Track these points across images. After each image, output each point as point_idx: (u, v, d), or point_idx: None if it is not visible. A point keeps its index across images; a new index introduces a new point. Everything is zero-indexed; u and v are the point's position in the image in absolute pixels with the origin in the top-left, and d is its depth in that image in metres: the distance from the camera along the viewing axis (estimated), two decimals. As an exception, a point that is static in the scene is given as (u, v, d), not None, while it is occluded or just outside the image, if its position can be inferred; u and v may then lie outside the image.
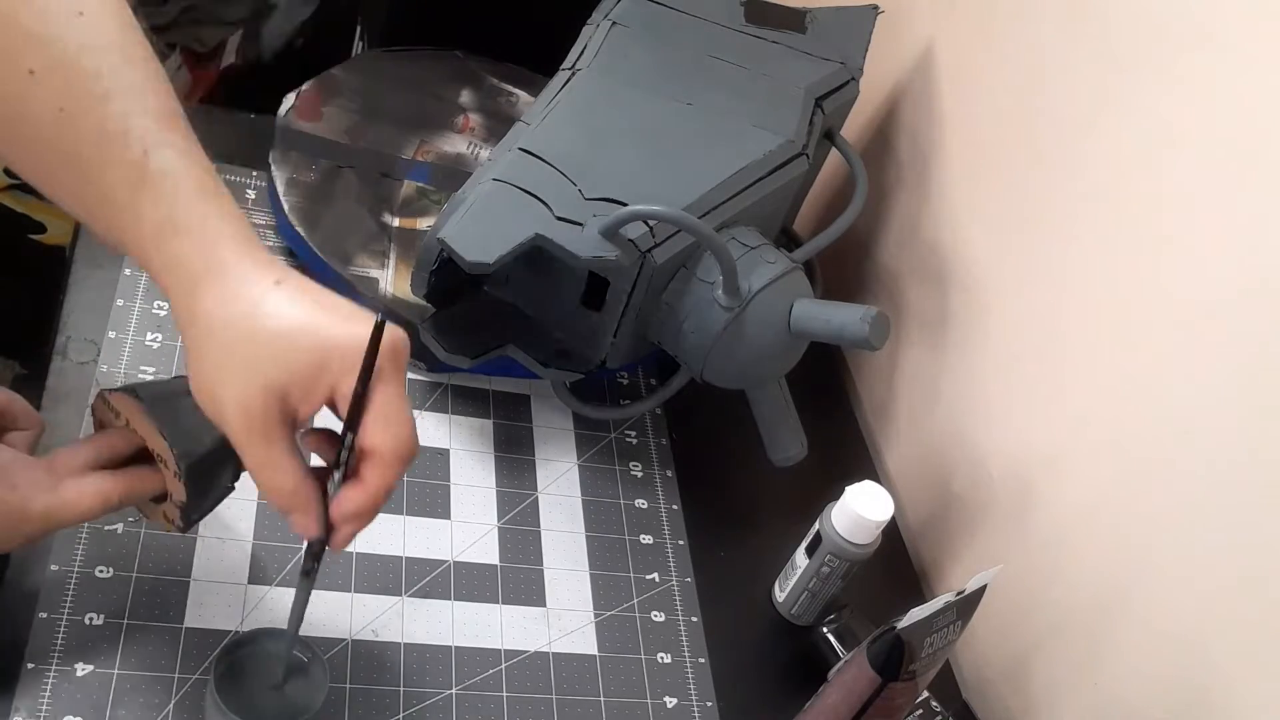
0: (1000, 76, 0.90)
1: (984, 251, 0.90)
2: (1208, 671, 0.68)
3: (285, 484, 0.53)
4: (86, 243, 0.83)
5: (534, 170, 0.79)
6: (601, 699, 0.73)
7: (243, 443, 0.52)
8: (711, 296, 0.78)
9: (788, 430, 0.84)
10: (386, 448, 0.53)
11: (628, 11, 0.92)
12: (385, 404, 0.53)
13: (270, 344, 0.51)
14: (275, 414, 0.51)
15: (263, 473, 0.53)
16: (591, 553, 0.81)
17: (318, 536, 0.55)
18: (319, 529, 0.55)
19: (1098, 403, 0.78)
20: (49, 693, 0.62)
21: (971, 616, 0.66)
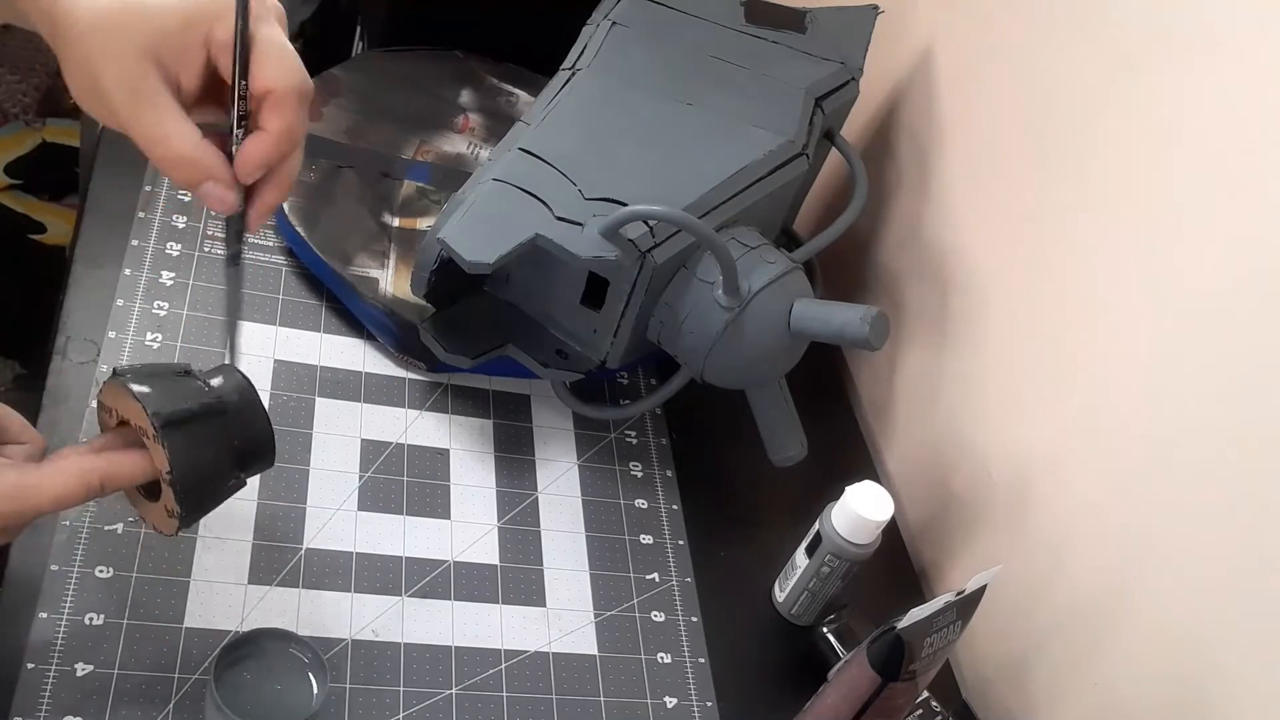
0: (1000, 76, 0.90)
1: (984, 251, 0.90)
2: (1208, 671, 0.68)
3: (183, 148, 0.52)
4: (86, 243, 0.83)
5: (534, 170, 0.79)
6: (601, 699, 0.73)
7: (129, 118, 0.51)
8: (711, 296, 0.78)
9: (788, 430, 0.84)
10: (281, 84, 0.52)
11: (628, 11, 0.92)
12: (268, 42, 0.52)
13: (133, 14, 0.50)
14: (154, 78, 0.50)
15: (158, 145, 0.52)
16: (591, 553, 0.81)
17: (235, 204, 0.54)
18: (235, 193, 0.54)
19: (1098, 402, 0.78)
20: (49, 693, 0.62)
21: (971, 616, 0.66)
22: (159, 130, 0.51)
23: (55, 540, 0.67)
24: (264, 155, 0.53)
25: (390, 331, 0.85)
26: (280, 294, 0.87)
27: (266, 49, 0.52)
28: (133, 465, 0.58)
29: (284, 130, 0.53)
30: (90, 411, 0.74)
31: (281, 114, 0.52)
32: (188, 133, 0.52)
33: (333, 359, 0.84)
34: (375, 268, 0.86)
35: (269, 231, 0.90)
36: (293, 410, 0.80)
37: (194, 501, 0.60)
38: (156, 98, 0.51)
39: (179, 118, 0.51)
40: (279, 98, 0.52)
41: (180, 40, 0.51)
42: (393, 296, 0.85)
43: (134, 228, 0.85)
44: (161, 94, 0.51)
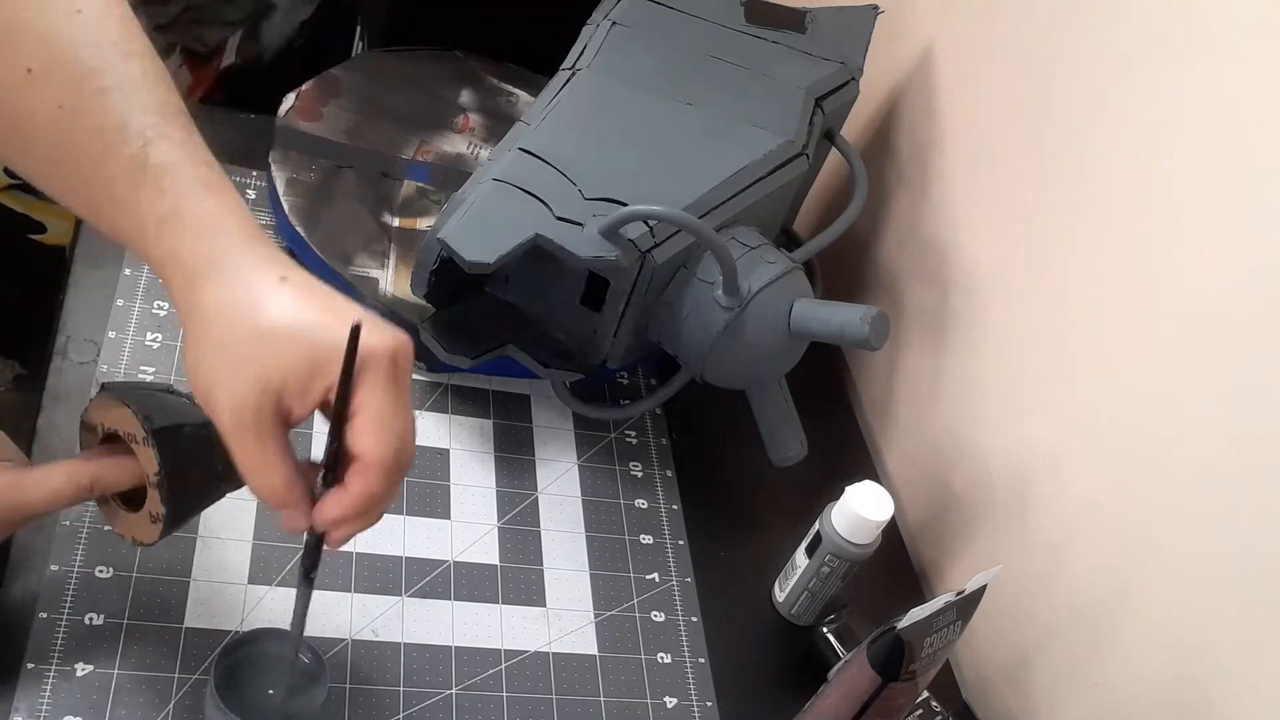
0: (1000, 76, 0.90)
1: (984, 251, 0.90)
2: (1208, 671, 0.68)
3: (275, 483, 0.52)
4: (86, 243, 0.83)
5: (534, 170, 0.79)
6: (601, 699, 0.73)
7: (234, 440, 0.51)
8: (711, 296, 0.78)
9: (788, 430, 0.84)
10: (371, 455, 0.52)
11: (628, 11, 0.92)
12: (376, 410, 0.52)
13: (268, 341, 0.51)
14: (269, 412, 0.51)
15: (254, 471, 0.52)
16: (591, 553, 0.81)
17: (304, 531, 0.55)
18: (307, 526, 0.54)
19: (1098, 402, 0.78)
20: (49, 693, 0.62)
21: (971, 616, 0.66)
22: (259, 457, 0.51)
23: (55, 540, 0.67)
24: (340, 512, 0.53)
25: (390, 331, 0.85)
26: (280, 294, 0.86)
27: (373, 415, 0.52)
28: (121, 469, 0.59)
29: (363, 495, 0.53)
30: (90, 411, 0.74)
31: (365, 481, 0.53)
32: (284, 468, 0.52)
33: (333, 359, 0.84)
34: (375, 268, 0.86)
35: (269, 231, 0.90)
36: (293, 410, 0.80)
37: (179, 504, 0.59)
38: (264, 430, 0.51)
39: (280, 452, 0.52)
40: (365, 466, 0.52)
41: (302, 385, 0.51)
42: (393, 296, 0.85)
43: (134, 228, 0.85)
44: (269, 427, 0.51)
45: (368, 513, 0.54)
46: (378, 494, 0.53)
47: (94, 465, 0.58)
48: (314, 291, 0.53)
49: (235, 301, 0.51)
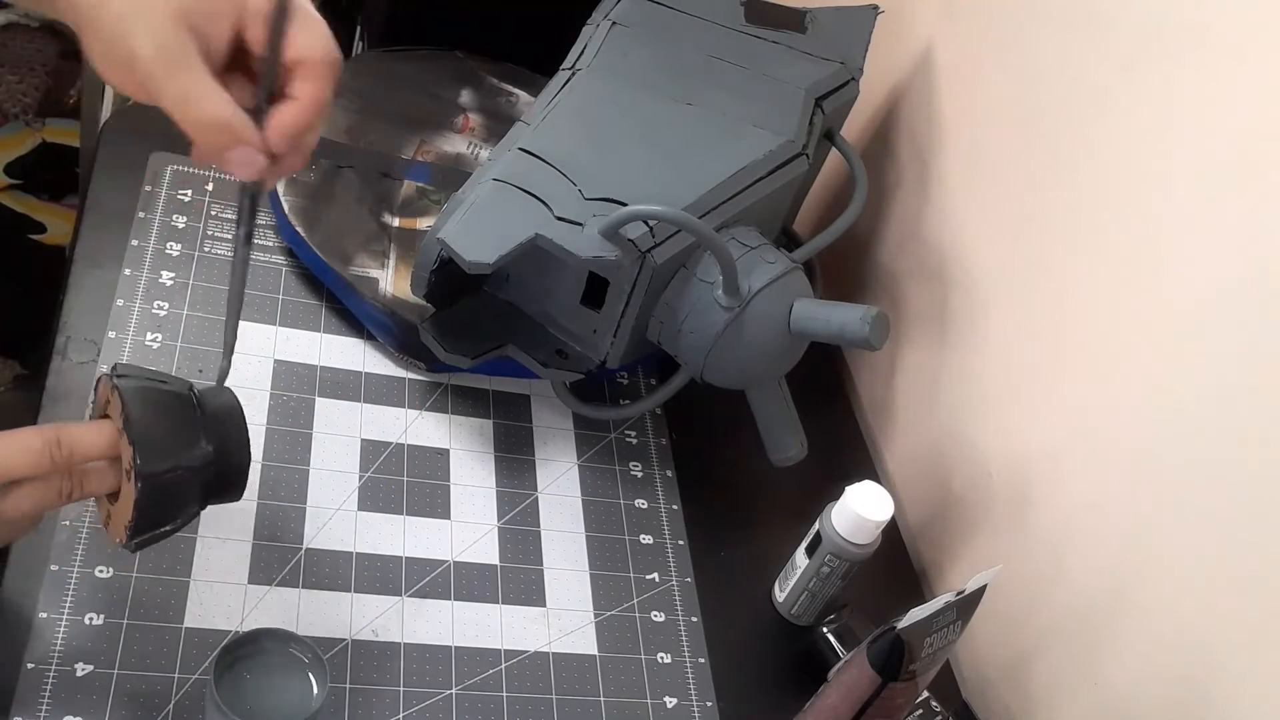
0: (1000, 76, 0.90)
1: (984, 251, 0.90)
2: (1208, 671, 0.68)
3: (216, 110, 0.51)
4: (86, 243, 0.83)
5: (534, 170, 0.79)
6: (601, 699, 0.73)
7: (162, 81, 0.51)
8: (711, 296, 0.78)
9: (788, 430, 0.84)
10: (314, 53, 0.52)
11: (628, 11, 0.92)
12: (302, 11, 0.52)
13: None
14: (186, 41, 0.50)
15: (191, 108, 0.51)
16: (591, 553, 0.81)
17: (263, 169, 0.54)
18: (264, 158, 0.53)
19: (1098, 402, 0.78)
20: (49, 693, 0.62)
21: (971, 616, 0.66)
22: (193, 92, 0.51)
23: (55, 540, 0.67)
24: (296, 122, 0.53)
25: (390, 331, 0.85)
26: (280, 294, 0.87)
27: (301, 18, 0.52)
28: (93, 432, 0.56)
29: (315, 99, 0.53)
30: (90, 411, 0.74)
31: (314, 83, 0.52)
32: (220, 95, 0.51)
33: (333, 359, 0.84)
34: (375, 268, 0.86)
35: (269, 231, 0.90)
36: (293, 410, 0.80)
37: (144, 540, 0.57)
38: (189, 60, 0.51)
39: (211, 81, 0.51)
40: (311, 67, 0.52)
41: (211, 5, 0.51)
42: (393, 296, 0.85)
43: (134, 228, 0.85)
44: (194, 57, 0.51)
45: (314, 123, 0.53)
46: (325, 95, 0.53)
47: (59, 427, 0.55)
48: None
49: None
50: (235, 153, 0.53)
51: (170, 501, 0.57)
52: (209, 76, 0.51)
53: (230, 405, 0.60)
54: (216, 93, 0.51)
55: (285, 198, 0.88)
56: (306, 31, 0.52)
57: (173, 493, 0.57)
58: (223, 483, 0.59)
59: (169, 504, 0.57)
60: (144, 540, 0.58)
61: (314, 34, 0.52)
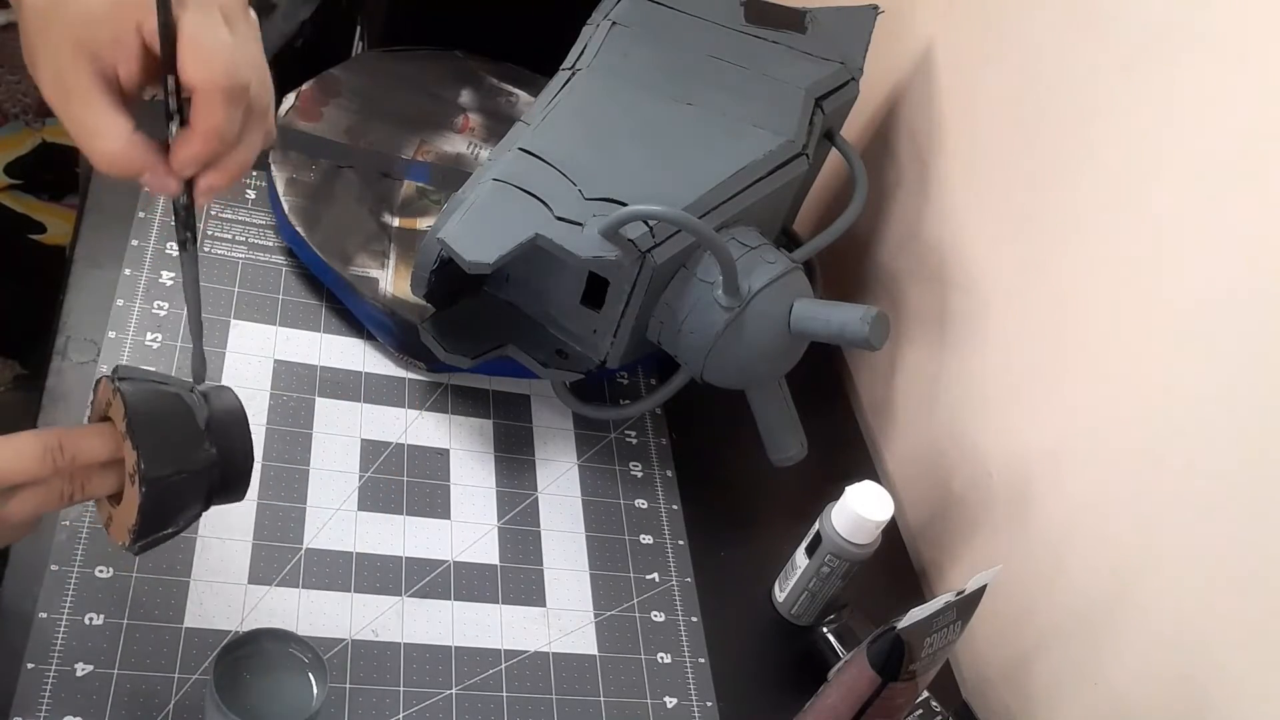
0: (1000, 76, 0.90)
1: (984, 251, 0.90)
2: (1209, 671, 0.68)
3: (112, 144, 0.50)
4: (86, 243, 0.83)
5: (534, 170, 0.79)
6: (601, 699, 0.73)
7: (60, 112, 0.50)
8: (711, 296, 0.78)
9: (788, 430, 0.84)
10: (202, 80, 0.50)
11: (628, 11, 0.92)
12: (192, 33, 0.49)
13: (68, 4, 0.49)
14: (86, 70, 0.49)
15: (88, 139, 0.50)
16: (591, 553, 0.81)
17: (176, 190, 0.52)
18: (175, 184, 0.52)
19: (1097, 402, 0.78)
20: (49, 693, 0.62)
21: (971, 616, 0.66)
22: (88, 120, 0.50)
23: (55, 540, 0.67)
24: (194, 154, 0.51)
25: (390, 331, 0.85)
26: (280, 294, 0.87)
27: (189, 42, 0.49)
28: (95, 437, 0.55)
29: (210, 129, 0.51)
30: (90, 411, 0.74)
31: (208, 111, 0.50)
32: (117, 128, 0.50)
33: (333, 359, 0.84)
34: (375, 268, 0.86)
35: (269, 231, 0.90)
36: (293, 410, 0.80)
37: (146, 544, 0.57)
38: (85, 91, 0.49)
39: (108, 111, 0.50)
40: (203, 95, 0.50)
41: (110, 30, 0.49)
42: (393, 296, 0.84)
43: (134, 228, 0.85)
44: (91, 87, 0.49)
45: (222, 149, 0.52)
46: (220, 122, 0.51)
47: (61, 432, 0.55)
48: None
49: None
50: (145, 179, 0.52)
51: (174, 504, 0.57)
52: (107, 106, 0.50)
53: (233, 406, 0.59)
54: (112, 124, 0.50)
55: (285, 198, 0.88)
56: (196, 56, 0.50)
57: (177, 496, 0.56)
58: (226, 484, 0.59)
59: (173, 507, 0.57)
60: (147, 543, 0.57)
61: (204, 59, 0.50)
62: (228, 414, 0.59)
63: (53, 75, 0.49)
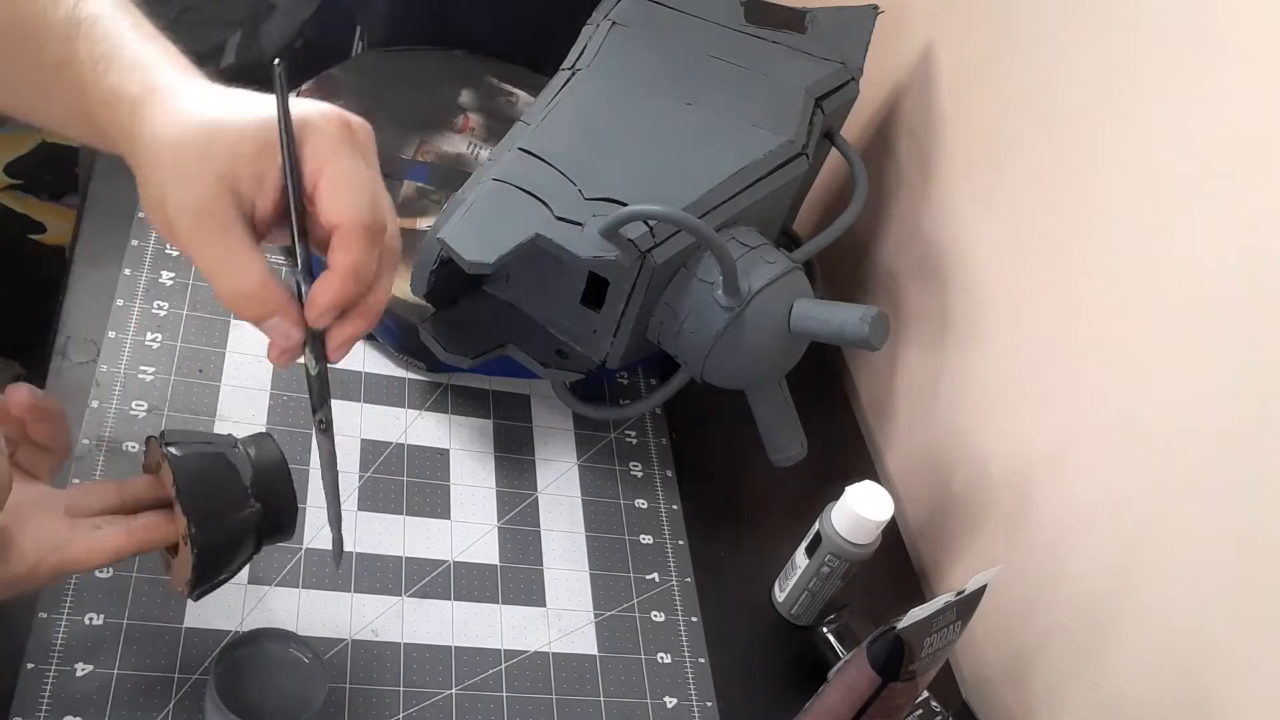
0: (1000, 76, 0.90)
1: (984, 251, 0.90)
2: (1209, 671, 0.68)
3: (248, 283, 0.49)
4: (86, 243, 0.83)
5: (534, 170, 0.79)
6: (601, 699, 0.73)
7: (193, 246, 0.49)
8: (711, 296, 0.78)
9: (788, 430, 0.84)
10: (345, 216, 0.49)
11: (628, 11, 0.92)
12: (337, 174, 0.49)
13: (211, 136, 0.49)
14: (228, 205, 0.48)
15: (223, 276, 0.49)
16: (591, 553, 0.81)
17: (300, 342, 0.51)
18: (300, 330, 0.51)
19: (1098, 402, 0.78)
20: (49, 693, 0.62)
21: (971, 616, 0.66)
22: (225, 257, 0.49)
23: (55, 540, 0.67)
24: (332, 297, 0.51)
25: (390, 331, 0.85)
26: (280, 294, 0.87)
27: (335, 180, 0.49)
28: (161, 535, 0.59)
29: (351, 268, 0.50)
30: (90, 411, 0.74)
31: (348, 250, 0.50)
32: (253, 267, 0.49)
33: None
34: (375, 268, 0.86)
35: (269, 231, 0.90)
36: (293, 410, 0.80)
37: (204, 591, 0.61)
38: (226, 226, 0.48)
39: (246, 250, 0.49)
40: (345, 233, 0.49)
41: (256, 167, 0.49)
42: (393, 296, 0.84)
43: (134, 228, 0.85)
44: (230, 224, 0.49)
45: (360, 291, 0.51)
46: (364, 261, 0.50)
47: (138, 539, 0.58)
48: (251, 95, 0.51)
49: (175, 118, 0.49)
50: (270, 323, 0.51)
51: (225, 558, 0.60)
52: (244, 245, 0.49)
53: (275, 459, 0.61)
54: (248, 264, 0.49)
55: (285, 198, 0.88)
56: (341, 195, 0.49)
57: (226, 551, 0.59)
58: (273, 529, 0.62)
59: (224, 559, 0.60)
60: (204, 590, 0.61)
61: (349, 198, 0.49)
62: (270, 466, 0.61)
63: (189, 206, 0.48)
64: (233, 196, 0.49)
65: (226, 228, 0.49)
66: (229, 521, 0.58)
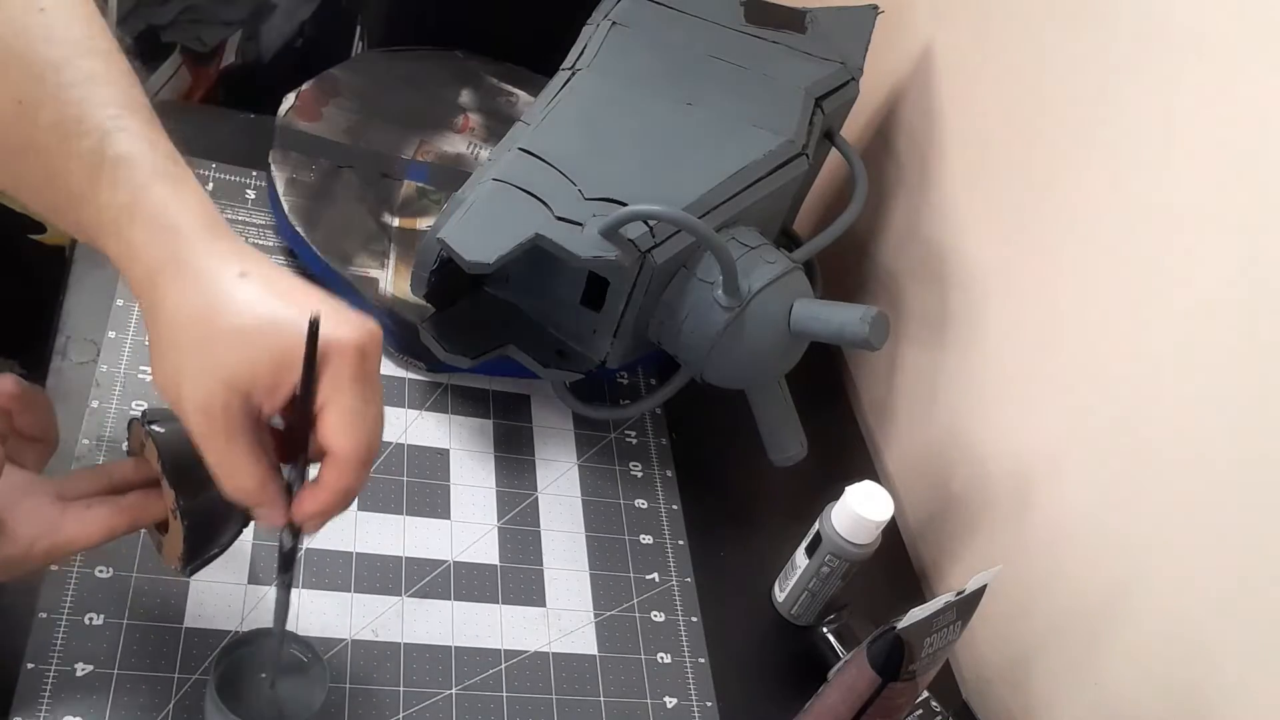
0: (1000, 76, 0.90)
1: (984, 251, 0.90)
2: (1208, 671, 0.68)
3: (247, 483, 0.52)
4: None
5: (534, 170, 0.79)
6: (601, 699, 0.73)
7: (204, 441, 0.51)
8: (711, 296, 0.78)
9: (788, 430, 0.84)
10: (344, 450, 0.52)
11: (628, 11, 0.92)
12: (346, 405, 0.51)
13: (232, 340, 0.50)
14: (237, 412, 0.50)
15: (226, 473, 0.52)
16: (591, 553, 0.81)
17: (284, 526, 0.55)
18: (283, 522, 0.54)
19: (1097, 402, 0.78)
20: (49, 693, 0.62)
21: (971, 616, 0.66)
22: (229, 458, 0.51)
23: (55, 540, 0.67)
24: (319, 509, 0.53)
25: (390, 331, 0.85)
26: (280, 294, 0.86)
27: (342, 415, 0.51)
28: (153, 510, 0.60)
29: (340, 490, 0.53)
30: (90, 411, 0.74)
31: (341, 476, 0.52)
32: (255, 467, 0.52)
33: (333, 359, 0.84)
34: (375, 268, 0.86)
35: (269, 231, 0.90)
36: (293, 410, 0.80)
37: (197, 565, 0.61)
38: (233, 430, 0.50)
39: (250, 450, 0.51)
40: (340, 461, 0.52)
41: (271, 383, 0.50)
42: (393, 296, 0.84)
43: (134, 228, 0.85)
44: (238, 427, 0.50)
45: (346, 504, 0.54)
46: (352, 487, 0.53)
47: (129, 514, 0.59)
48: (276, 284, 0.52)
49: (196, 303, 0.50)
50: (260, 513, 0.54)
51: (214, 529, 0.60)
52: (250, 447, 0.51)
53: None
54: (252, 466, 0.51)
55: (285, 198, 0.88)
56: (344, 426, 0.51)
57: (216, 521, 0.59)
58: None
59: (214, 531, 0.60)
60: (197, 565, 0.61)
61: (350, 431, 0.51)
62: None
63: (201, 403, 0.50)
64: (242, 402, 0.50)
65: (232, 431, 0.50)
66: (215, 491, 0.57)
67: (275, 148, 0.91)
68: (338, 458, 0.52)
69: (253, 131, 0.96)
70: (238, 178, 0.92)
